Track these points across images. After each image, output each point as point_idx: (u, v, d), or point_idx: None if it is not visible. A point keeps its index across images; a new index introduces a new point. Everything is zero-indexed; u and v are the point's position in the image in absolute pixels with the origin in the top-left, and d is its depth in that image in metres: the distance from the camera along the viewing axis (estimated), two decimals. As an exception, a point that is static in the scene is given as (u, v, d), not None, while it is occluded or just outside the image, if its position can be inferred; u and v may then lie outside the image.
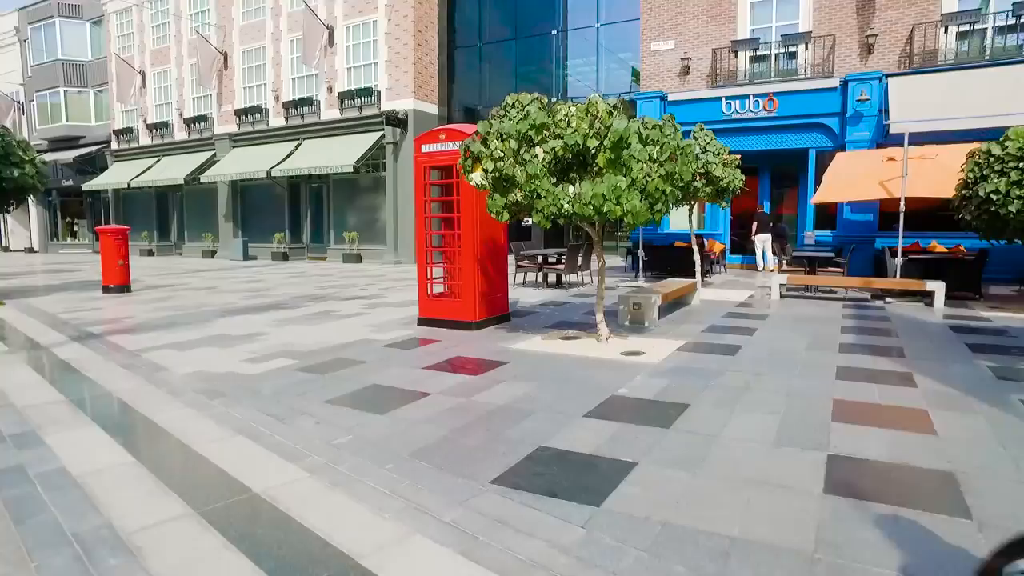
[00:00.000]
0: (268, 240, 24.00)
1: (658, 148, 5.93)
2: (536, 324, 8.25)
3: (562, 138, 5.68)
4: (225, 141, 24.65)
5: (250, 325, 8.38)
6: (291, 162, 21.62)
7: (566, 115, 5.78)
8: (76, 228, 35.80)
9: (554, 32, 21.88)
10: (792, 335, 7.37)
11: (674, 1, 16.75)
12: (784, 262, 12.99)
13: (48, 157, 31.39)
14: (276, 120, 23.29)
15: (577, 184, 5.73)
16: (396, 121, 19.94)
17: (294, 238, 24.10)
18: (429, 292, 8.10)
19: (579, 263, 12.25)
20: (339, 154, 20.38)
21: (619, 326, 7.98)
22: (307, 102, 22.28)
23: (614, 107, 5.88)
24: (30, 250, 34.91)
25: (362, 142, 20.52)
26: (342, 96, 21.28)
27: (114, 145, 29.62)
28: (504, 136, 5.84)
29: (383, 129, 20.36)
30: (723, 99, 15.92)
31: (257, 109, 23.65)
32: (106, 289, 12.43)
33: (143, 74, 27.76)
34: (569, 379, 5.35)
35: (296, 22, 22.18)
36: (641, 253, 12.78)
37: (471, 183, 6.36)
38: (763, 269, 15.98)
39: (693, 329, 7.81)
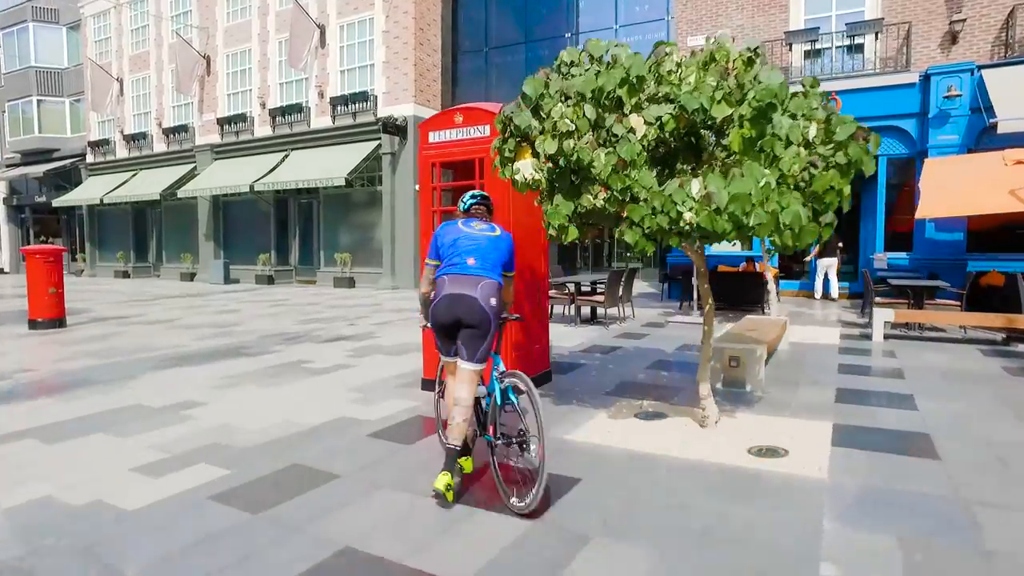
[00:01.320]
0: (252, 261, 21.63)
1: (811, 125, 3.58)
2: (591, 386, 5.85)
3: (674, 100, 3.34)
4: (206, 153, 22.40)
5: (185, 386, 5.97)
6: (277, 175, 19.34)
7: (678, 65, 3.44)
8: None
9: (568, 35, 19.75)
10: (975, 407, 4.98)
11: (714, -11, 14.60)
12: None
13: (21, 171, 29.19)
14: (262, 129, 21.06)
15: (700, 180, 3.35)
16: (394, 128, 17.70)
17: (281, 259, 21.74)
18: (438, 341, 5.69)
19: (620, 294, 9.88)
20: (330, 166, 18.10)
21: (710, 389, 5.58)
22: (296, 109, 20.06)
23: (755, 53, 3.54)
24: (1, 271, 32.49)
25: (356, 152, 18.25)
26: (334, 102, 19.06)
27: (89, 158, 27.36)
28: (573, 98, 3.49)
29: (379, 138, 18.12)
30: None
31: (241, 118, 21.43)
32: (32, 324, 10.03)
33: (121, 81, 25.59)
34: (705, 530, 2.93)
35: (285, 22, 20.04)
36: (695, 280, 10.44)
37: (511, 180, 4.02)
38: (820, 297, 13.59)
39: (818, 396, 5.41)
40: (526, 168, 3.67)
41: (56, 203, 26.66)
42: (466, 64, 20.73)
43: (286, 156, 20.16)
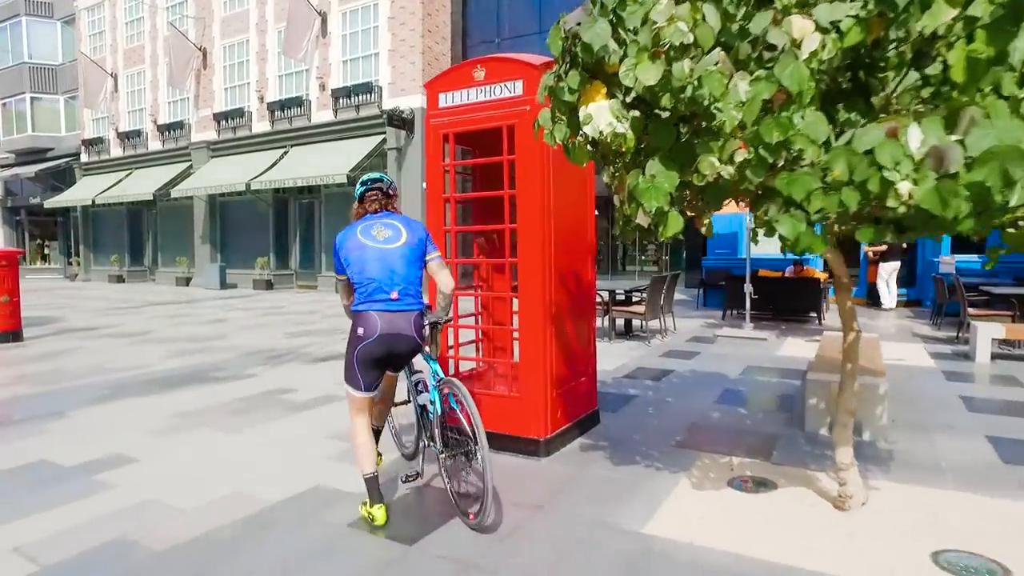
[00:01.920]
0: (251, 265, 20.31)
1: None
2: (653, 433, 4.41)
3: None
4: (202, 150, 21.13)
5: (122, 429, 4.58)
6: (274, 173, 18.02)
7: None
8: (47, 250, 32.36)
9: (588, 20, 18.29)
10: None
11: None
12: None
13: (12, 172, 28.07)
14: (260, 125, 19.77)
15: (918, 128, 1.91)
16: (400, 121, 16.32)
17: (280, 263, 20.40)
18: (454, 361, 4.28)
19: (661, 303, 8.44)
20: (331, 163, 16.76)
21: (805, 435, 4.12)
22: (295, 103, 18.75)
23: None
24: (-4, 276, 31.30)
25: (359, 148, 16.89)
26: (336, 94, 17.73)
27: (83, 157, 26.19)
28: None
29: (384, 132, 16.76)
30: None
31: (239, 112, 20.15)
32: (-19, 339, 8.71)
33: (115, 77, 24.41)
34: None
35: (284, 10, 18.72)
36: (748, 288, 8.90)
37: (564, 147, 2.62)
38: (888, 306, 12.04)
39: (969, 451, 3.95)
40: (601, 116, 2.23)
41: (48, 204, 25.50)
42: (478, 55, 19.34)
43: (285, 153, 18.85)
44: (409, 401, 3.61)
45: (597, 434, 4.37)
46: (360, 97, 17.41)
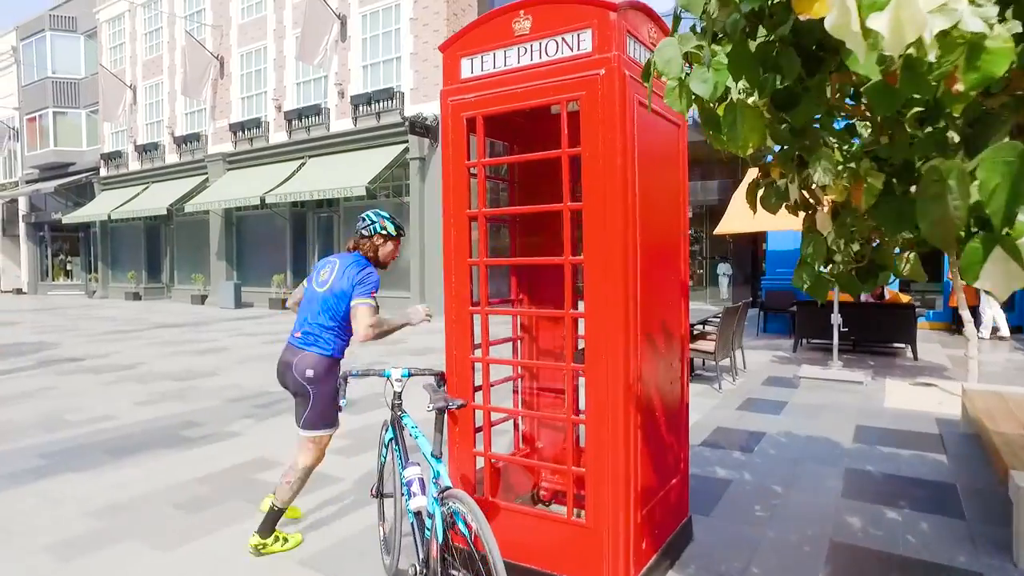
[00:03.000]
0: (267, 283, 19.25)
1: None
2: (774, 563, 2.97)
3: None
4: (218, 163, 20.23)
5: (14, 541, 3.30)
6: (290, 186, 16.94)
7: None
8: (70, 266, 31.91)
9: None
10: None
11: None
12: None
13: (32, 188, 27.68)
14: (277, 135, 18.78)
15: None
16: (423, 129, 15.13)
17: (298, 280, 19.26)
18: (484, 460, 2.87)
19: (733, 337, 6.97)
20: (349, 174, 15.61)
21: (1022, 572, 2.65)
22: (314, 111, 17.71)
23: None
24: (19, 291, 31.01)
25: (379, 158, 15.72)
26: (356, 101, 16.62)
27: (103, 171, 25.62)
28: None
29: (407, 141, 15.57)
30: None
31: (255, 123, 19.20)
32: (-59, 376, 7.60)
33: (134, 89, 23.77)
34: None
35: (303, 15, 17.75)
36: (837, 319, 7.26)
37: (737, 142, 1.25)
38: (992, 335, 10.28)
39: None
40: (914, 20, 0.83)
41: (66, 219, 24.91)
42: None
43: (302, 164, 17.79)
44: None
45: (694, 562, 2.94)
46: (381, 104, 16.27)
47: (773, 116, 1.46)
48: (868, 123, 1.71)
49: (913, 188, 1.49)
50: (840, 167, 1.63)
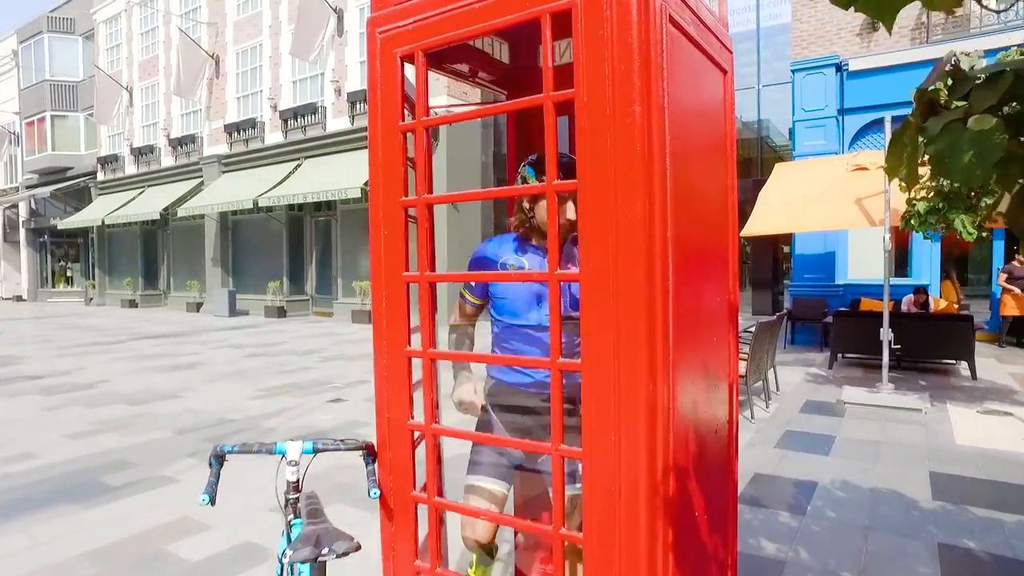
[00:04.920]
0: (263, 289, 18.40)
1: None
2: None
3: None
4: (214, 165, 19.45)
5: None
6: (284, 188, 16.13)
7: None
8: (70, 273, 31.33)
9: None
10: None
11: (849, -80, 10.66)
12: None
13: (28, 193, 27.16)
14: (273, 136, 17.98)
15: None
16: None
17: (295, 288, 18.45)
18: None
19: (767, 357, 5.96)
20: (345, 175, 14.75)
21: None
22: (310, 110, 16.89)
23: None
24: (19, 299, 30.47)
25: (377, 158, 14.83)
26: (353, 98, 15.78)
27: (99, 176, 25.00)
28: None
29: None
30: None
31: (251, 123, 18.41)
32: None
33: (130, 91, 23.11)
34: None
35: (298, 9, 16.96)
36: (887, 335, 6.15)
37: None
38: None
39: None
40: None
41: (61, 225, 24.34)
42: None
43: (298, 165, 16.97)
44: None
45: None
46: (379, 101, 15.38)
47: None
48: None
49: None
50: None
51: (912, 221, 5.56)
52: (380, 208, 1.82)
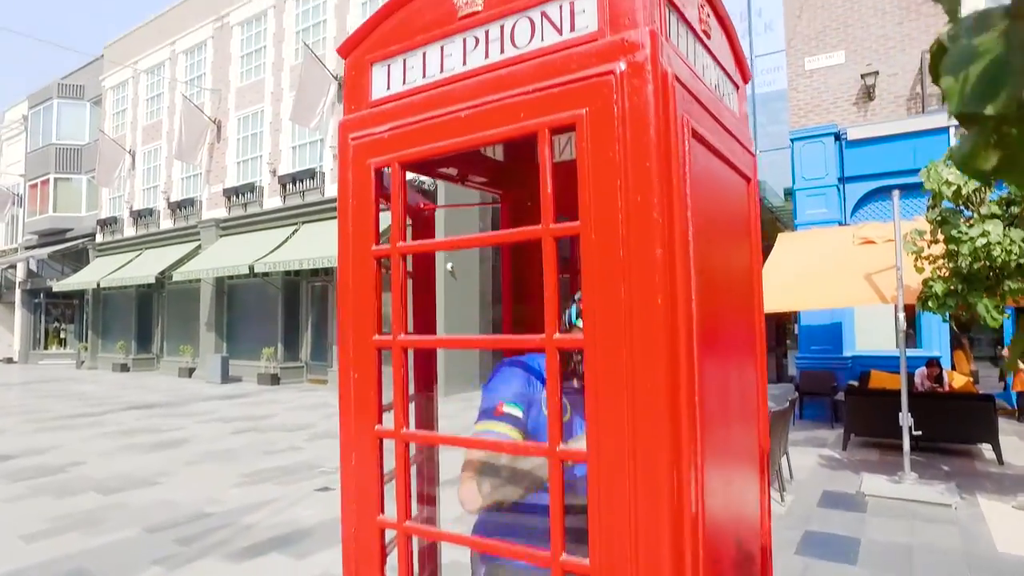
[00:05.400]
0: (257, 356, 18.01)
1: None
2: None
3: None
4: (211, 229, 19.40)
5: None
6: (281, 253, 15.97)
7: None
8: (63, 334, 30.93)
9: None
10: None
11: (841, -4, 10.88)
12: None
13: (25, 255, 27.14)
14: (272, 200, 17.99)
15: None
16: (421, 193, 14.13)
17: (289, 354, 18.07)
18: None
19: (780, 445, 5.59)
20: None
21: None
22: (308, 175, 16.94)
23: None
24: (9, 361, 30.00)
25: (375, 223, 14.74)
26: (352, 164, 15.80)
27: (98, 238, 24.98)
28: None
29: (404, 205, 14.61)
30: (952, 129, 9.57)
31: (250, 188, 18.46)
32: None
33: (133, 154, 23.34)
34: None
35: (299, 77, 17.25)
36: (907, 420, 5.79)
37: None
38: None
39: None
40: None
41: (56, 288, 24.16)
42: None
43: (296, 230, 16.88)
44: None
45: None
46: (378, 167, 15.43)
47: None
48: None
49: None
50: None
51: (930, 303, 5.30)
52: (349, 258, 1.53)
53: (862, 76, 10.47)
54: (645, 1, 1.15)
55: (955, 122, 7.42)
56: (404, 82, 1.50)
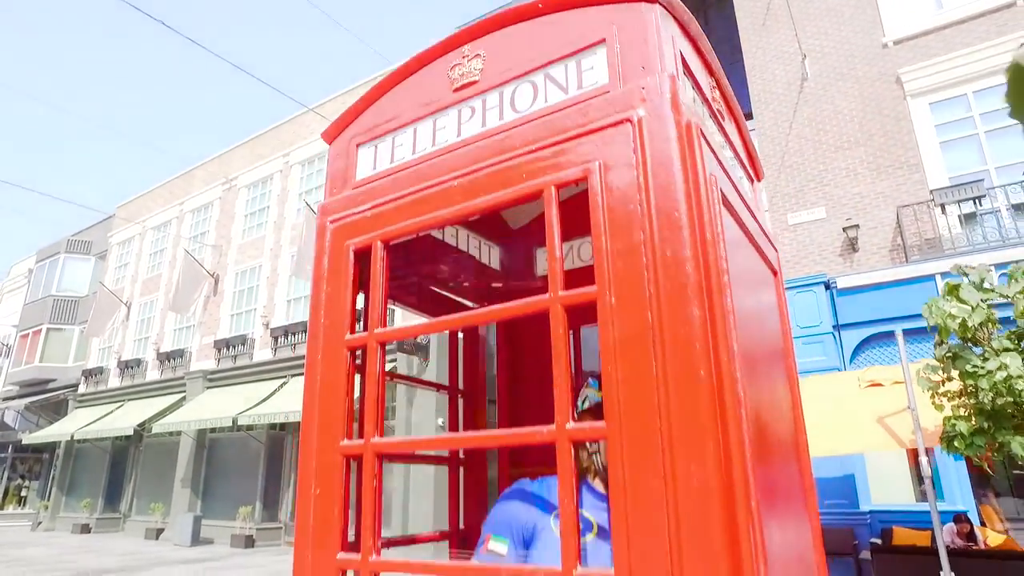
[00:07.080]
0: (233, 515, 16.76)
1: None
2: None
3: None
4: (198, 380, 18.97)
5: None
6: (266, 406, 15.49)
7: None
8: (24, 491, 29.03)
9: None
10: None
11: (815, 157, 11.61)
12: None
13: (4, 405, 26.30)
14: (262, 353, 17.79)
15: None
16: (412, 347, 14.08)
17: (268, 514, 16.85)
18: None
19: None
20: (331, 389, 14.19)
21: None
22: (302, 328, 16.92)
23: None
24: (-35, 522, 27.83)
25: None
26: (346, 314, 15.85)
27: (81, 388, 24.33)
28: None
29: (395, 359, 14.45)
30: (938, 276, 9.73)
31: (241, 340, 18.34)
32: None
33: (128, 306, 23.48)
34: None
35: (300, 235, 17.88)
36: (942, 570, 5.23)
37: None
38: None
39: None
40: None
41: (26, 440, 23.08)
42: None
43: (284, 383, 16.51)
44: None
45: None
46: (372, 317, 15.46)
47: None
48: None
49: None
50: None
51: (957, 443, 4.96)
52: (318, 351, 1.27)
53: (844, 229, 10.85)
54: (663, 49, 1.05)
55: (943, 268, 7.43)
56: (392, 160, 1.37)
